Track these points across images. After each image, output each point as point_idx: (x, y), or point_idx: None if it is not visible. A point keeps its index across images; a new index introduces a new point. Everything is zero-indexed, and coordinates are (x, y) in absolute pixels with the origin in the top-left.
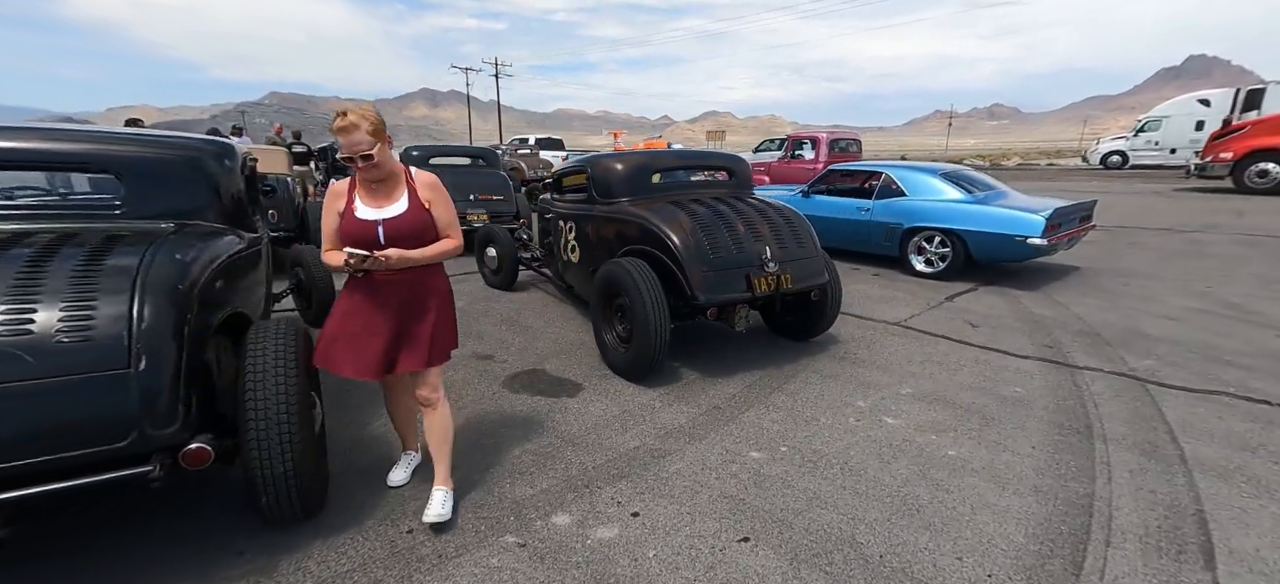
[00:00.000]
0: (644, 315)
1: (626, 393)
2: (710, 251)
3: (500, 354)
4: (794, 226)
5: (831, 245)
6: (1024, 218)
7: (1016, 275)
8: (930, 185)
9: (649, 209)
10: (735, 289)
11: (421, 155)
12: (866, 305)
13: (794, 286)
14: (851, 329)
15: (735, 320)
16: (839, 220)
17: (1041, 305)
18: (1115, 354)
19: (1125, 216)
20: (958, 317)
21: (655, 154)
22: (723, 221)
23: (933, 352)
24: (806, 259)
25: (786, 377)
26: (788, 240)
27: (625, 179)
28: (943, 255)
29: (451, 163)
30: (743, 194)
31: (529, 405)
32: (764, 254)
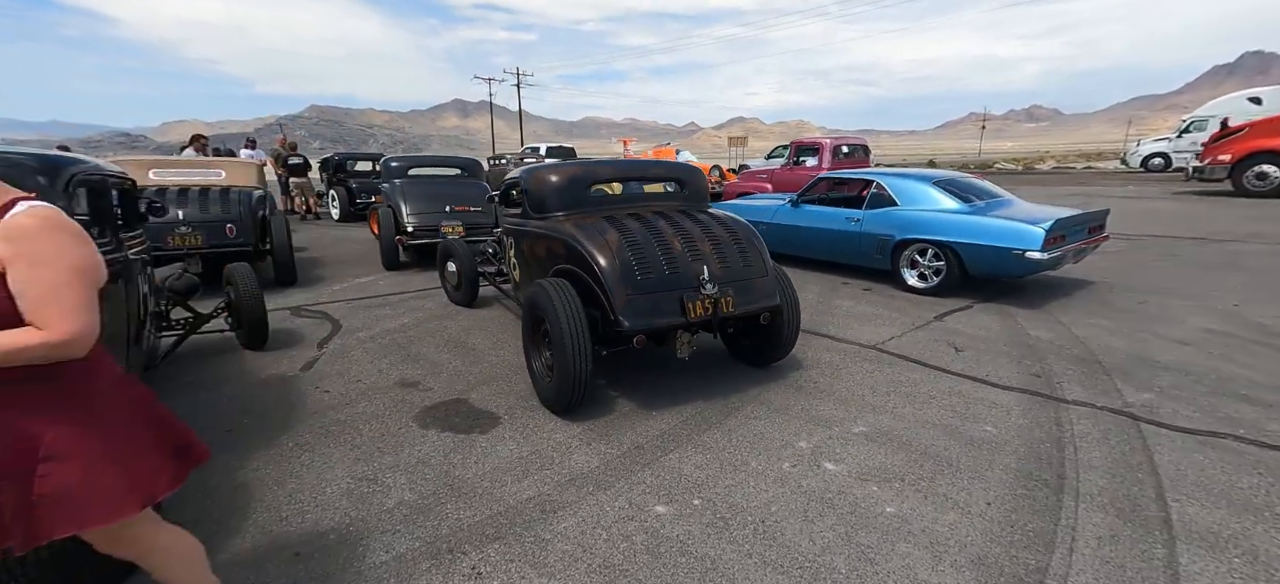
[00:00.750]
0: (561, 343)
1: (546, 429)
2: (637, 272)
3: (428, 381)
4: (741, 243)
5: (822, 258)
6: (1022, 230)
7: (1019, 292)
8: (923, 194)
9: (577, 225)
10: (665, 314)
11: (401, 166)
12: (845, 324)
13: (736, 311)
14: (819, 352)
15: (677, 347)
16: (828, 232)
17: (1040, 326)
18: (1112, 385)
19: (1163, 224)
20: (943, 339)
21: (595, 164)
22: (657, 238)
23: (903, 380)
24: (753, 279)
25: (731, 409)
26: (732, 259)
27: (559, 192)
28: (936, 269)
29: (433, 174)
30: (693, 207)
31: (431, 445)
32: (701, 275)
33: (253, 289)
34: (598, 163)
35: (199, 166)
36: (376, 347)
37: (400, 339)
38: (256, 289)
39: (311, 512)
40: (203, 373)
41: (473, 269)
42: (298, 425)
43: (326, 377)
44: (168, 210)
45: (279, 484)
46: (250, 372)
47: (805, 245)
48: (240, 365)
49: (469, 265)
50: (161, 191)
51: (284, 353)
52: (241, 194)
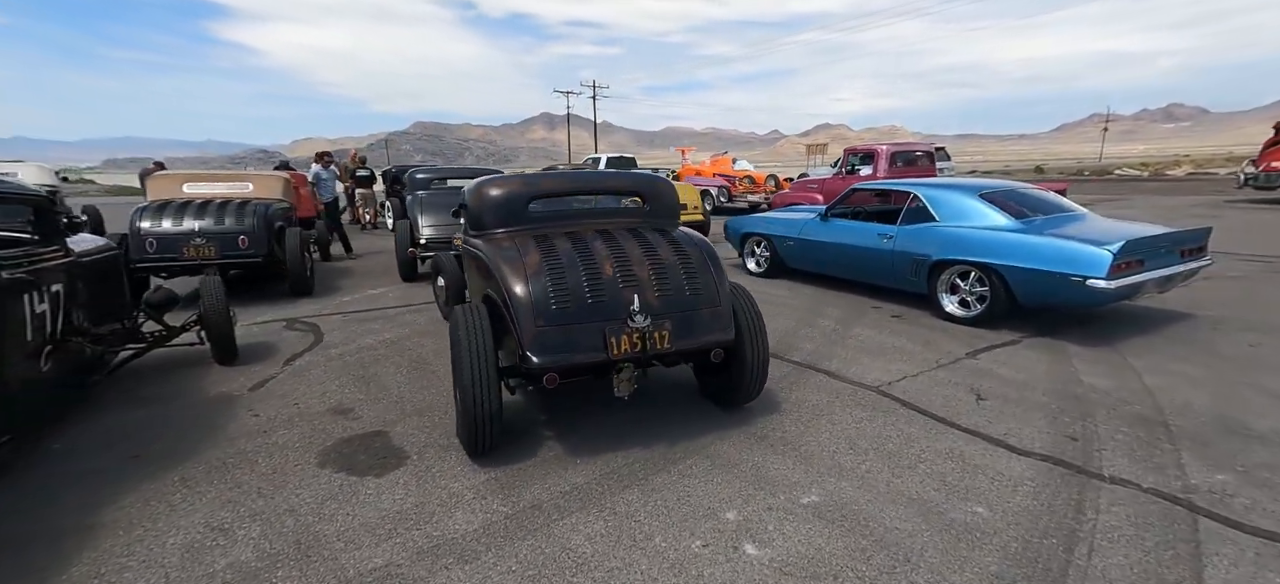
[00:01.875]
0: (461, 377)
1: (447, 476)
2: (553, 300)
3: (363, 408)
4: (691, 268)
5: (852, 278)
6: (1084, 252)
7: (1085, 326)
8: (966, 208)
9: (498, 245)
10: (583, 350)
11: (426, 178)
12: (852, 358)
13: (672, 347)
14: (808, 391)
15: (615, 384)
16: (857, 249)
17: (1100, 371)
18: (1174, 458)
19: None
20: (965, 382)
21: (541, 176)
22: (586, 262)
23: (894, 434)
24: (699, 310)
25: (669, 461)
26: (674, 286)
27: (494, 208)
28: (980, 296)
29: (458, 186)
30: (653, 225)
31: (313, 489)
32: (631, 305)
33: (219, 304)
34: (546, 175)
35: (229, 180)
36: (340, 365)
37: (368, 358)
38: (223, 304)
39: (133, 569)
40: (162, 387)
41: (460, 284)
42: (199, 455)
43: (268, 399)
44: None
45: (127, 530)
46: (202, 388)
47: (834, 263)
48: (198, 381)
49: (456, 280)
50: (184, 206)
51: (248, 369)
52: (258, 207)
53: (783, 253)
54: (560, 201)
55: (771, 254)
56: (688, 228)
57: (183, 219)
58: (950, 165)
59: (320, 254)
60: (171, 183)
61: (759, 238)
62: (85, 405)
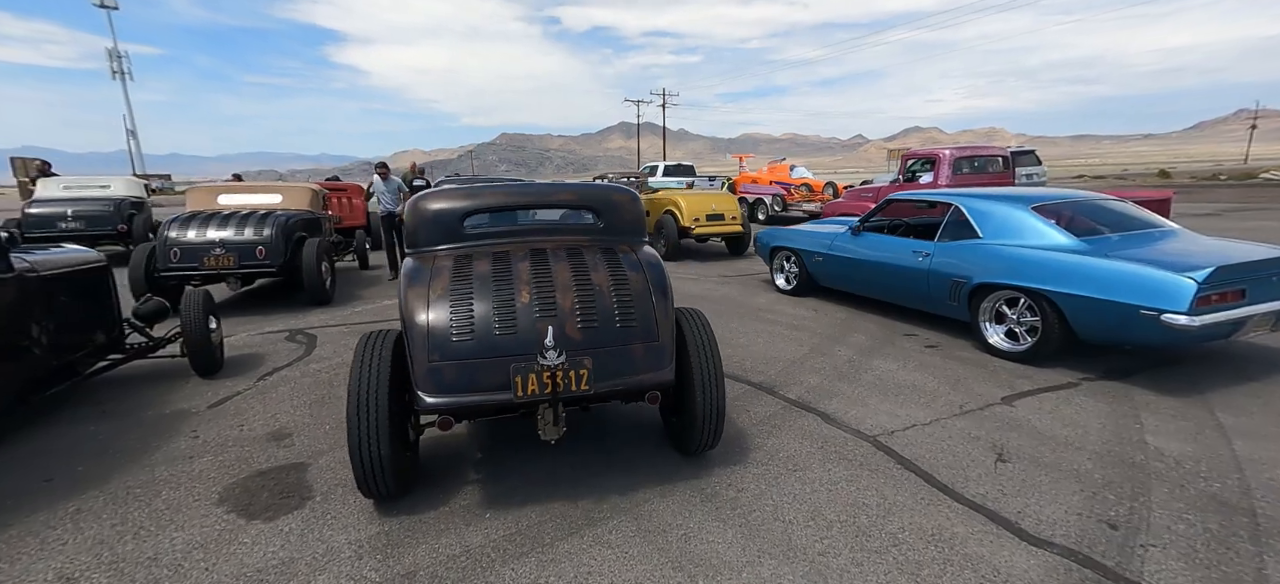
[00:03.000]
0: (348, 415)
1: (340, 523)
2: (454, 332)
3: (299, 435)
4: (627, 296)
5: (886, 300)
6: (1160, 280)
7: (1172, 370)
8: (1016, 222)
9: (416, 266)
10: (483, 389)
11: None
12: (859, 397)
13: (592, 388)
14: (789, 438)
15: (539, 426)
16: (890, 267)
17: (1174, 432)
18: (1255, 567)
19: None
20: (989, 436)
21: (483, 189)
22: (502, 286)
23: (875, 501)
24: (629, 346)
25: (591, 521)
26: (603, 317)
27: (428, 224)
28: (1031, 327)
29: None
30: (608, 242)
31: (193, 533)
32: (546, 338)
33: (199, 318)
34: (490, 187)
35: (262, 190)
36: (309, 382)
37: (339, 376)
38: (202, 318)
39: None
40: (129, 400)
41: None
42: (110, 482)
43: (220, 419)
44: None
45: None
46: (165, 404)
47: (864, 282)
48: (165, 395)
49: None
50: (210, 216)
51: (222, 383)
52: (279, 217)
53: (811, 269)
54: (509, 216)
55: (800, 270)
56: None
57: (207, 229)
58: (1040, 171)
59: (359, 263)
60: (209, 194)
61: (787, 252)
62: (41, 418)
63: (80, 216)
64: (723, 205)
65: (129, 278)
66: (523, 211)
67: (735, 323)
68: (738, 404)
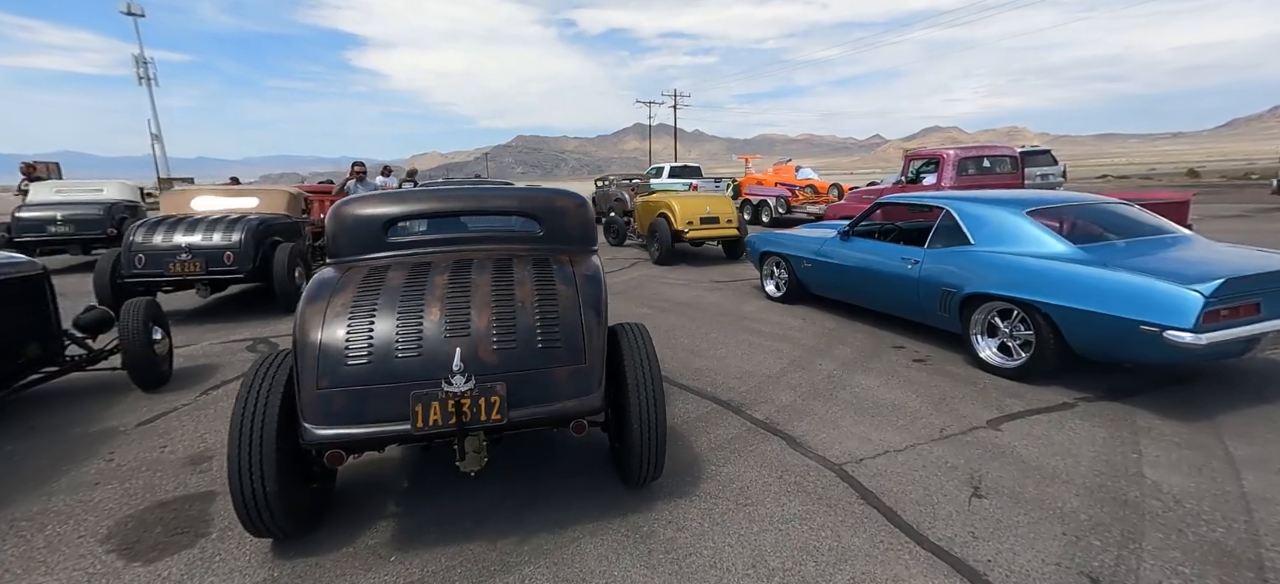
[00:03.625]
0: (228, 448)
1: (225, 570)
2: (349, 354)
3: (221, 460)
4: (554, 314)
5: (875, 309)
6: (1163, 292)
7: (1181, 391)
8: (1009, 227)
9: (322, 278)
10: (378, 419)
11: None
12: (833, 417)
13: (506, 417)
14: (747, 466)
15: (458, 456)
16: (878, 274)
17: (1176, 463)
18: None
19: None
20: (969, 464)
21: (410, 195)
22: (411, 303)
23: (828, 545)
24: (550, 370)
25: (504, 567)
26: (523, 337)
27: (349, 231)
28: (1025, 342)
29: None
30: (548, 251)
31: (56, 578)
32: (453, 362)
33: (138, 327)
34: (420, 191)
35: (238, 194)
36: None
37: None
38: (143, 327)
39: None
40: (62, 415)
41: None
42: (1, 510)
43: (144, 439)
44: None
45: None
46: (93, 421)
47: (852, 290)
48: (98, 411)
49: None
50: (179, 221)
51: (163, 398)
52: (250, 222)
53: (800, 275)
54: (444, 224)
55: (790, 276)
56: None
57: (174, 234)
58: (1055, 171)
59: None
60: (183, 198)
61: (777, 258)
62: None
63: (70, 220)
64: (718, 208)
65: (94, 284)
66: (457, 219)
67: (716, 332)
68: (698, 425)
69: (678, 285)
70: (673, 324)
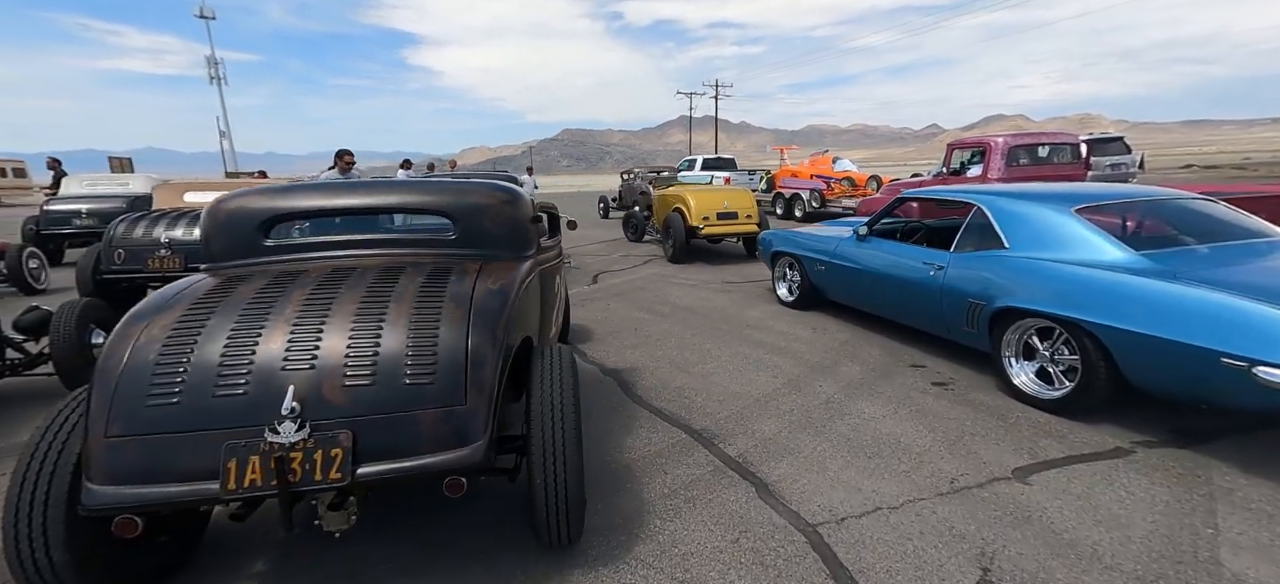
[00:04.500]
0: (5, 501)
1: None
2: (151, 392)
3: None
4: (428, 340)
5: (894, 319)
6: (1256, 315)
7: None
8: (1053, 229)
9: (163, 293)
10: (179, 477)
11: None
12: (822, 456)
13: (347, 477)
14: (696, 524)
15: (284, 525)
16: (896, 281)
17: (1264, 547)
18: None
19: None
20: (981, 531)
21: (293, 188)
22: (251, 323)
23: None
24: (416, 413)
25: None
26: (384, 370)
27: (222, 232)
28: (1069, 368)
29: None
30: (445, 261)
31: None
32: (285, 402)
33: (70, 330)
34: (302, 188)
35: (229, 188)
36: None
37: None
38: (75, 330)
39: None
40: None
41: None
42: None
43: None
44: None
45: None
46: (15, 432)
47: (868, 297)
48: (16, 424)
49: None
50: (161, 215)
51: None
52: None
53: (814, 278)
54: (347, 225)
55: (803, 279)
56: (525, 264)
57: (155, 228)
58: (1128, 160)
59: None
60: (175, 191)
61: (789, 258)
62: None
63: (94, 214)
64: (737, 203)
65: (76, 279)
66: (366, 219)
67: (711, 343)
68: (657, 461)
69: (685, 286)
70: (665, 332)
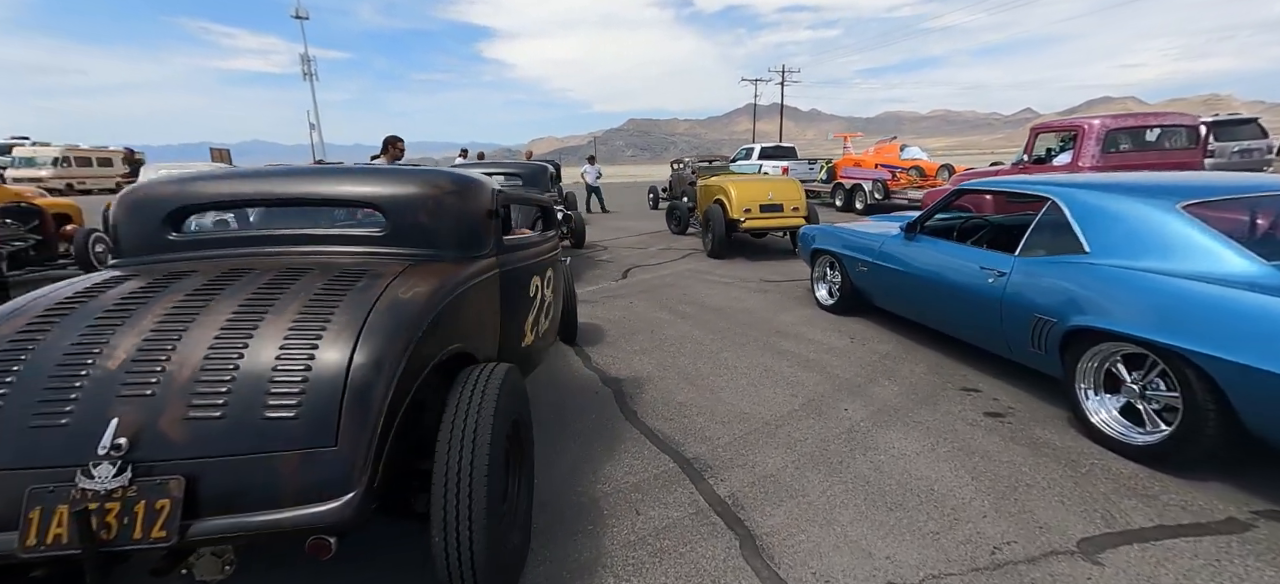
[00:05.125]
0: None
1: None
2: None
3: None
4: (299, 363)
5: (945, 331)
6: None
7: None
8: (1151, 229)
9: (33, 295)
10: None
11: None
12: (828, 502)
13: (172, 535)
14: None
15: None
16: (947, 288)
17: None
18: None
19: None
20: None
21: (206, 176)
22: (89, 338)
23: None
24: (272, 456)
25: None
26: (238, 400)
27: (131, 223)
28: (1166, 407)
29: None
30: (364, 262)
31: None
32: (104, 439)
33: None
34: (214, 175)
35: None
36: None
37: None
38: None
39: None
40: None
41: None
42: None
43: None
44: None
45: None
46: None
47: (916, 305)
48: None
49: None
50: None
51: None
52: None
53: (855, 279)
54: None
55: (844, 281)
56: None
57: None
58: (1262, 146)
59: None
60: None
61: (830, 256)
62: None
63: None
64: (783, 194)
65: (75, 256)
66: (293, 211)
67: (730, 351)
68: (631, 498)
69: (718, 284)
70: (682, 336)
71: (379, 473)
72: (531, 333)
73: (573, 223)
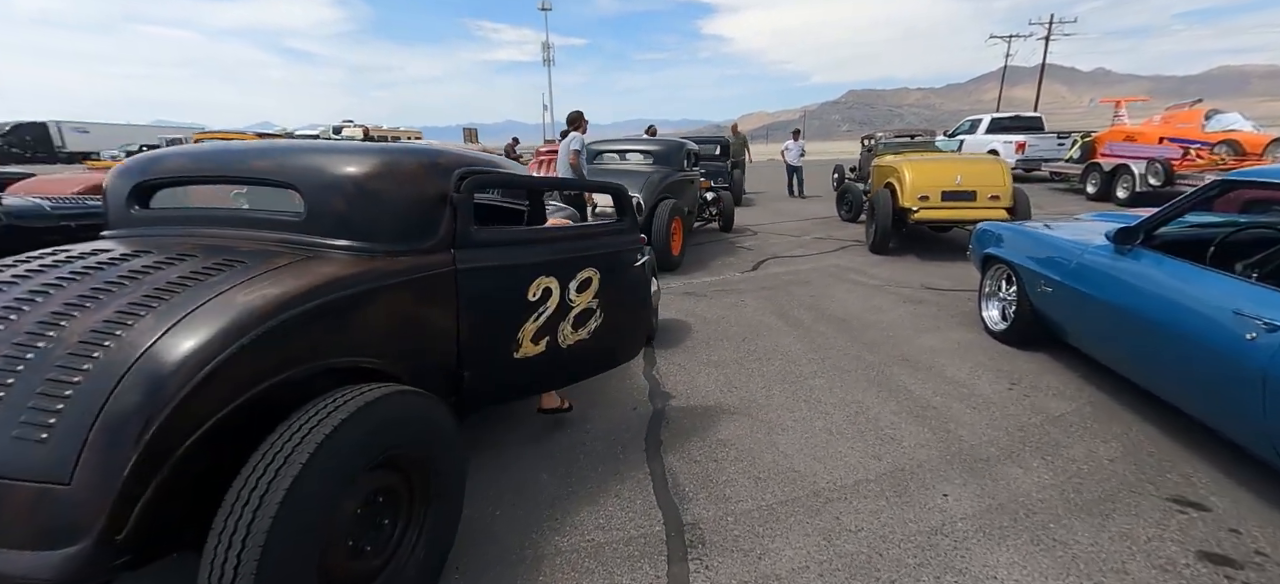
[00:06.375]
0: None
1: None
2: None
3: None
4: (63, 377)
5: (1162, 396)
6: None
7: None
8: None
9: None
10: None
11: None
12: None
13: None
14: None
15: None
16: (1171, 334)
17: None
18: None
19: None
20: None
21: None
22: None
23: None
24: (14, 485)
25: None
26: (8, 402)
27: (109, 197)
28: None
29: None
30: (269, 249)
31: None
32: None
33: None
34: (173, 153)
35: None
36: None
37: None
38: None
39: None
40: None
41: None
42: None
43: None
44: None
45: None
46: None
47: (1121, 353)
48: None
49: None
50: None
51: None
52: None
53: (1034, 301)
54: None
55: (1020, 301)
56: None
57: None
58: None
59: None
60: None
61: (1006, 267)
62: None
63: None
64: (977, 178)
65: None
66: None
67: (824, 377)
68: (589, 563)
69: (863, 286)
70: (775, 350)
71: (130, 522)
72: (538, 344)
73: (722, 205)
